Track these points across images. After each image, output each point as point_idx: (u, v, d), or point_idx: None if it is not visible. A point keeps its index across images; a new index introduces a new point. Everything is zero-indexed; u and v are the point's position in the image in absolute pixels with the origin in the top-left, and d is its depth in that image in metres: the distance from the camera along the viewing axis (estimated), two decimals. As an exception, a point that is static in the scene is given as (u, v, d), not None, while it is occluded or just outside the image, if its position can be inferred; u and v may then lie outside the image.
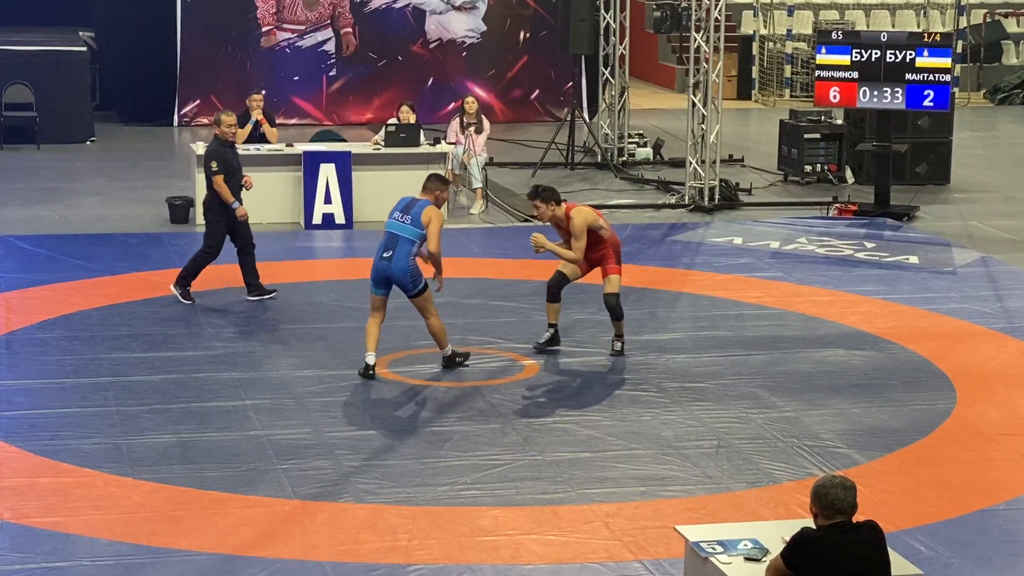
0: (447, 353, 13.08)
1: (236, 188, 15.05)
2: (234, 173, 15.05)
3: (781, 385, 12.80)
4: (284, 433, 11.44)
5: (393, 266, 12.70)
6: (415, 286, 12.76)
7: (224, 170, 14.91)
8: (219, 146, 15.03)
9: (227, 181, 14.93)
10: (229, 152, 15.10)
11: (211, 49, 26.38)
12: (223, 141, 15.04)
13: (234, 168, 15.06)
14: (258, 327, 14.24)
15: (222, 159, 14.95)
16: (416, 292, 12.78)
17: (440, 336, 13.01)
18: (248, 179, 15.32)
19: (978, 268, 17.07)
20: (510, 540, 9.65)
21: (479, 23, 27.48)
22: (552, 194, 13.17)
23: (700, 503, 10.29)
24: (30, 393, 12.33)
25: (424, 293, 12.80)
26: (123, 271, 16.21)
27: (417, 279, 12.75)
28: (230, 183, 14.96)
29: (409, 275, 12.70)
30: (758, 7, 32.16)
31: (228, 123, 15.04)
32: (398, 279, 12.75)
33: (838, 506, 7.08)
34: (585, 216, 13.13)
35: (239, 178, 15.14)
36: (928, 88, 19.46)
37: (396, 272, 12.70)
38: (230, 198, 14.90)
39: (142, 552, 9.36)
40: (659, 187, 21.57)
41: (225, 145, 15.06)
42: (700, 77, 20.82)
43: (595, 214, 13.30)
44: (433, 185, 12.97)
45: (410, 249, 12.71)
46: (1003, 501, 10.44)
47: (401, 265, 12.68)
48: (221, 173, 14.89)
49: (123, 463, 10.77)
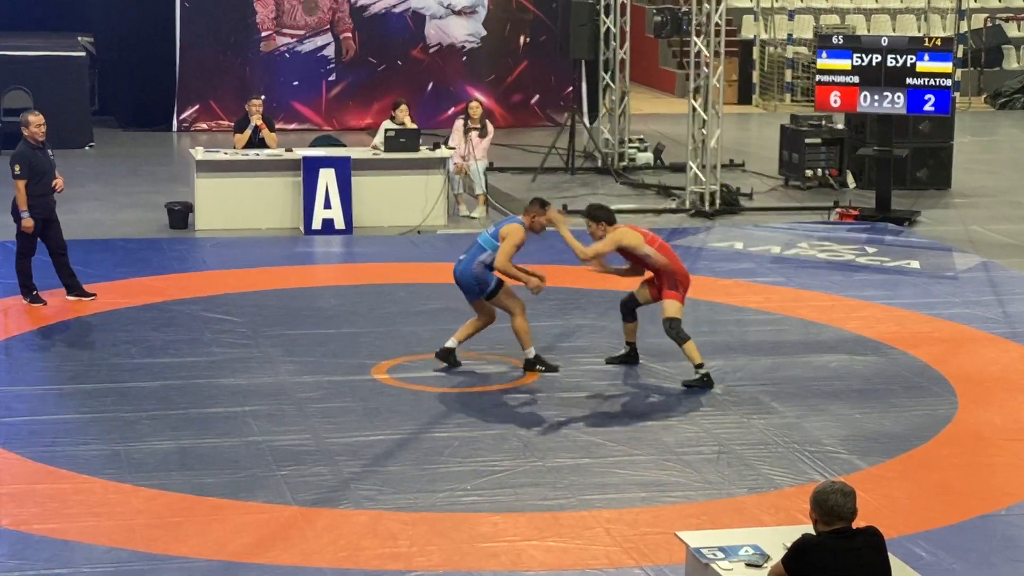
0: (529, 355, 13.10)
1: (47, 189, 14.85)
2: (43, 175, 14.84)
3: (782, 390, 12.77)
4: (284, 439, 11.41)
5: (458, 269, 12.93)
6: (482, 291, 12.88)
7: (29, 174, 14.73)
8: (27, 148, 14.86)
9: (35, 183, 14.75)
10: (39, 154, 14.87)
11: (210, 54, 26.38)
12: (32, 143, 14.87)
13: (43, 170, 14.85)
14: (257, 333, 14.21)
15: (27, 162, 14.76)
16: (487, 294, 12.90)
17: (522, 336, 13.05)
18: (59, 182, 14.99)
19: (979, 273, 17.05)
20: (510, 546, 9.62)
21: (479, 28, 27.48)
22: (602, 213, 12.87)
23: (701, 509, 10.26)
24: (28, 399, 12.30)
25: (497, 295, 12.91)
26: (122, 276, 16.19)
27: (484, 283, 12.84)
28: (39, 184, 14.77)
29: (473, 279, 12.84)
30: (759, 11, 32.16)
31: (36, 123, 14.83)
32: (461, 282, 12.93)
33: (838, 512, 7.05)
34: (616, 235, 12.73)
35: (49, 180, 14.88)
36: (929, 93, 19.44)
37: (459, 275, 12.92)
38: (24, 206, 14.71)
39: (141, 559, 9.33)
40: (660, 192, 21.56)
41: (34, 147, 14.87)
42: (701, 81, 20.79)
43: (633, 237, 12.76)
44: (531, 208, 12.97)
45: (478, 255, 12.83)
46: (1005, 506, 10.42)
47: (463, 269, 12.88)
48: (24, 177, 14.71)
49: (122, 469, 10.74)
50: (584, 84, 27.14)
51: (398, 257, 17.41)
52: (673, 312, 12.82)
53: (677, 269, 12.90)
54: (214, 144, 21.53)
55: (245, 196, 18.63)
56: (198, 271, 16.66)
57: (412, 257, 17.42)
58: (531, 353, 13.10)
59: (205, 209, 18.60)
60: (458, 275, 12.93)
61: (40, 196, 14.80)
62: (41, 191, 14.81)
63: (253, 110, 19.30)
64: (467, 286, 12.93)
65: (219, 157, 18.89)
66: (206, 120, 26.45)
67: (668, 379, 13.00)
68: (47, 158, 14.95)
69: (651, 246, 12.78)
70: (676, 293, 12.84)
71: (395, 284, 16.16)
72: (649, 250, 12.76)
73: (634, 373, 13.14)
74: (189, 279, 16.23)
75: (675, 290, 12.84)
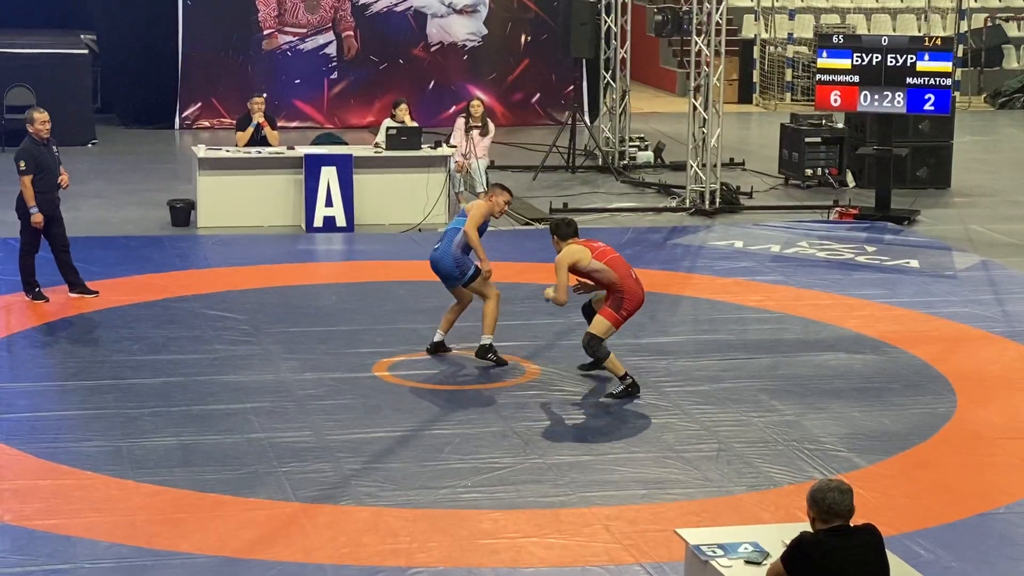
0: (484, 342, 13.18)
1: (51, 186, 14.91)
2: (47, 171, 14.89)
3: (782, 389, 12.80)
4: (285, 436, 11.44)
5: (434, 256, 13.10)
6: (462, 275, 13.02)
7: (33, 169, 14.79)
8: (31, 144, 14.91)
9: (40, 179, 14.81)
10: (43, 150, 14.93)
11: (212, 52, 26.40)
12: (36, 139, 14.92)
13: (47, 166, 14.90)
14: (259, 330, 14.24)
15: (31, 158, 14.82)
16: (466, 281, 13.04)
17: (487, 320, 13.14)
18: (64, 178, 15.06)
19: (978, 272, 17.07)
20: (511, 543, 9.65)
21: (480, 26, 27.49)
22: (558, 227, 12.54)
23: (701, 506, 10.29)
24: (31, 395, 12.34)
25: (474, 281, 13.06)
26: (124, 274, 16.21)
27: (464, 268, 12.99)
28: (44, 181, 14.84)
29: (454, 264, 12.99)
30: (759, 11, 32.17)
31: (41, 120, 14.89)
32: (440, 269, 13.08)
33: (835, 509, 7.08)
34: (563, 255, 12.38)
35: (54, 176, 14.94)
36: (929, 92, 19.46)
37: (436, 261, 13.09)
38: (32, 201, 14.78)
39: (143, 555, 9.36)
40: (660, 191, 21.58)
41: (38, 143, 14.92)
42: (701, 80, 20.82)
43: (579, 252, 12.31)
44: (491, 190, 13.37)
45: (454, 238, 13.00)
46: (1003, 505, 10.44)
47: (441, 255, 13.05)
48: (29, 173, 14.77)
49: (124, 466, 10.77)
50: (585, 83, 27.16)
51: (399, 255, 17.43)
52: (596, 329, 12.31)
53: (626, 288, 12.30)
54: (216, 142, 21.56)
55: (247, 194, 18.66)
56: (200, 268, 16.68)
57: (413, 255, 17.41)
58: (488, 340, 13.17)
59: (207, 207, 18.63)
60: (435, 261, 13.11)
61: (44, 193, 14.83)
62: (44, 188, 14.85)
63: (255, 108, 19.32)
64: (447, 272, 13.08)
65: (221, 155, 18.92)
66: (208, 118, 26.48)
67: (668, 377, 13.03)
68: (51, 154, 14.98)
69: (600, 260, 12.31)
70: (613, 314, 12.30)
71: (396, 282, 16.18)
72: (597, 265, 12.30)
73: (634, 372, 13.15)
74: (191, 276, 16.25)
75: (615, 310, 12.31)
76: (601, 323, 12.34)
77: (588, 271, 12.35)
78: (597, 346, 12.37)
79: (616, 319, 12.35)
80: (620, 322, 12.41)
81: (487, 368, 13.19)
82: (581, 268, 12.34)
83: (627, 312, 12.37)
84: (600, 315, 12.37)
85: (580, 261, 12.30)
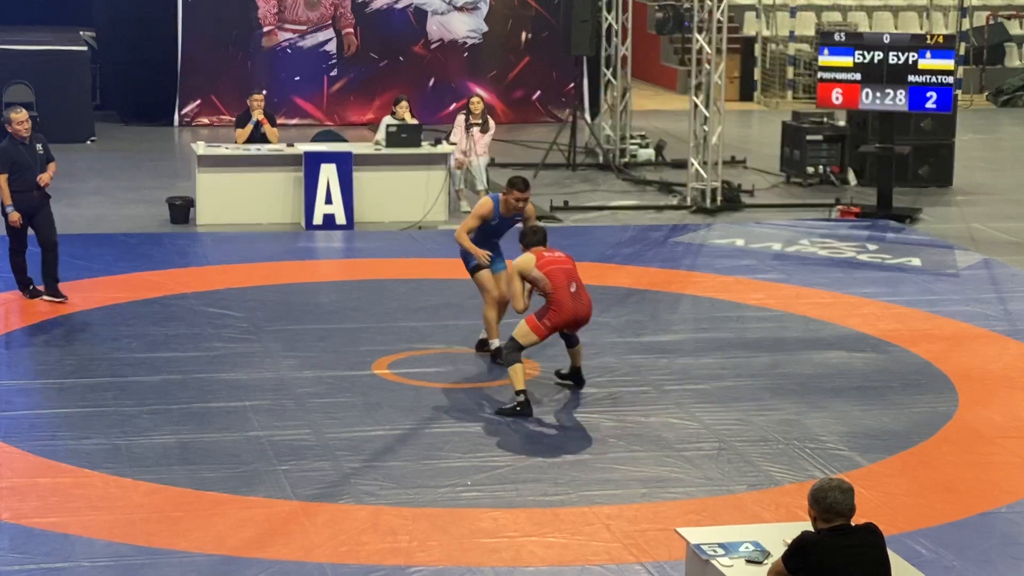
0: (494, 346, 13.14)
1: (28, 185, 14.82)
2: (25, 170, 14.82)
3: (782, 387, 12.77)
4: (284, 434, 11.41)
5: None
6: (467, 263, 13.17)
7: (8, 168, 14.74)
8: (9, 144, 14.88)
9: (16, 179, 14.76)
10: (21, 150, 14.84)
11: (212, 49, 26.38)
12: (15, 139, 14.88)
13: (26, 165, 14.82)
14: (258, 328, 14.22)
15: (7, 157, 14.77)
16: (470, 270, 13.18)
17: (489, 327, 13.18)
18: (43, 176, 14.91)
19: (980, 270, 17.04)
20: (511, 542, 9.62)
21: (481, 24, 27.47)
22: (524, 235, 12.54)
23: (701, 505, 10.27)
24: (29, 393, 12.31)
25: (475, 276, 13.12)
26: (123, 271, 16.19)
27: (466, 260, 13.15)
28: (22, 180, 14.78)
29: (461, 251, 13.19)
30: (760, 8, 32.16)
31: (18, 120, 14.82)
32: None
33: (837, 508, 7.06)
34: (515, 262, 12.36)
35: (31, 175, 14.84)
36: (931, 90, 19.44)
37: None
38: (7, 200, 14.75)
39: (141, 553, 9.33)
40: (661, 188, 21.55)
41: (17, 143, 14.87)
42: (702, 78, 20.79)
43: (525, 261, 12.20)
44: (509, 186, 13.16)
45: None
46: (1005, 504, 10.41)
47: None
48: (4, 172, 14.73)
49: (122, 464, 10.74)
50: (586, 80, 27.15)
51: (399, 253, 17.41)
52: (516, 332, 12.05)
53: (556, 300, 12.03)
54: (215, 139, 21.53)
55: (246, 191, 18.63)
56: (199, 266, 16.66)
57: (413, 253, 17.42)
58: (496, 343, 13.08)
59: (206, 204, 18.60)
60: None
61: (20, 192, 14.80)
62: (21, 187, 14.80)
63: (255, 105, 19.31)
64: (463, 257, 13.22)
65: (220, 152, 18.89)
66: (207, 115, 26.46)
67: (669, 375, 13.00)
68: (32, 153, 14.91)
69: (541, 270, 12.11)
70: (536, 322, 12.05)
71: (396, 280, 16.16)
72: (537, 274, 12.12)
73: (635, 370, 13.14)
74: (190, 274, 16.23)
75: (538, 319, 12.06)
76: (521, 327, 12.11)
77: (532, 279, 12.21)
78: (510, 352, 12.08)
79: (538, 328, 12.05)
80: (543, 331, 12.07)
81: (487, 367, 13.16)
82: (526, 275, 12.24)
83: (550, 323, 12.07)
84: (524, 320, 12.18)
85: (525, 269, 12.23)
